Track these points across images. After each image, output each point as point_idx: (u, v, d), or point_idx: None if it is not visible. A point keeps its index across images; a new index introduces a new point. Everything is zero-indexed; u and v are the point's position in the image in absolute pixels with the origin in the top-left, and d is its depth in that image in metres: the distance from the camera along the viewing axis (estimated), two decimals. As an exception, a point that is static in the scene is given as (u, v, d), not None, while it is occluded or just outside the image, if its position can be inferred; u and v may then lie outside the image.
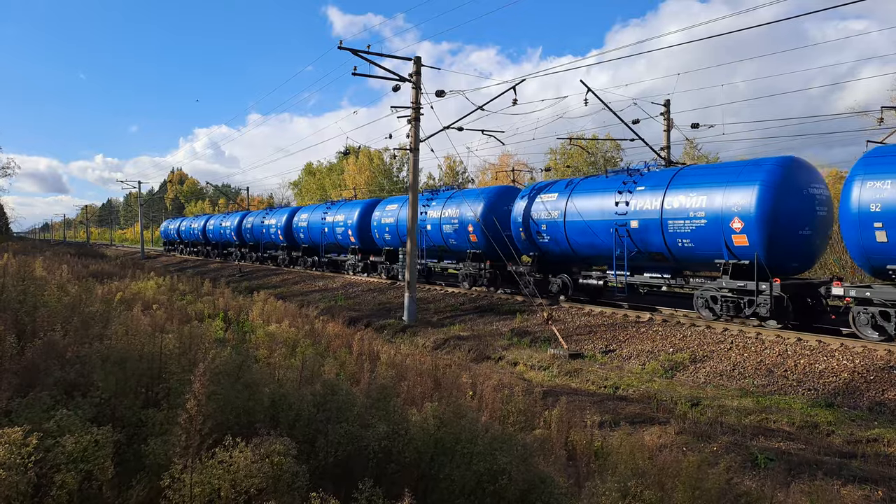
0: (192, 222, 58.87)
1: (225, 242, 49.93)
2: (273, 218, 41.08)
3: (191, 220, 60.30)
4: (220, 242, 50.82)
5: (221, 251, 50.92)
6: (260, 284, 30.76)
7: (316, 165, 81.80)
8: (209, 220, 53.50)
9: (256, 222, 43.58)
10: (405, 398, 6.99)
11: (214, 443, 3.79)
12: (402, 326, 18.82)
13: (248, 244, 45.69)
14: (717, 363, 12.67)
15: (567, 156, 50.94)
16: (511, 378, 12.67)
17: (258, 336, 10.25)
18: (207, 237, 53.29)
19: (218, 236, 50.65)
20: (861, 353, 11.75)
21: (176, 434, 3.89)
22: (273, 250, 41.90)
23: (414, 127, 19.49)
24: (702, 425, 9.13)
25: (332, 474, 4.23)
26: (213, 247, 52.69)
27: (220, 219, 51.71)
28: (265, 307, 14.88)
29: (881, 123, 27.30)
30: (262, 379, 5.61)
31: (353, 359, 9.79)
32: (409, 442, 4.22)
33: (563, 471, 5.38)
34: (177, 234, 62.52)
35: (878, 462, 7.74)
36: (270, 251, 42.40)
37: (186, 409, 3.91)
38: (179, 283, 20.41)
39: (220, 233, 50.10)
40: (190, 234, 57.94)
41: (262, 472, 3.45)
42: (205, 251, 54.56)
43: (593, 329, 16.21)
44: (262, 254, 43.25)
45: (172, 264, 48.21)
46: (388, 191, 61.13)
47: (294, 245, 38.49)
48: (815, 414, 9.69)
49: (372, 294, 25.24)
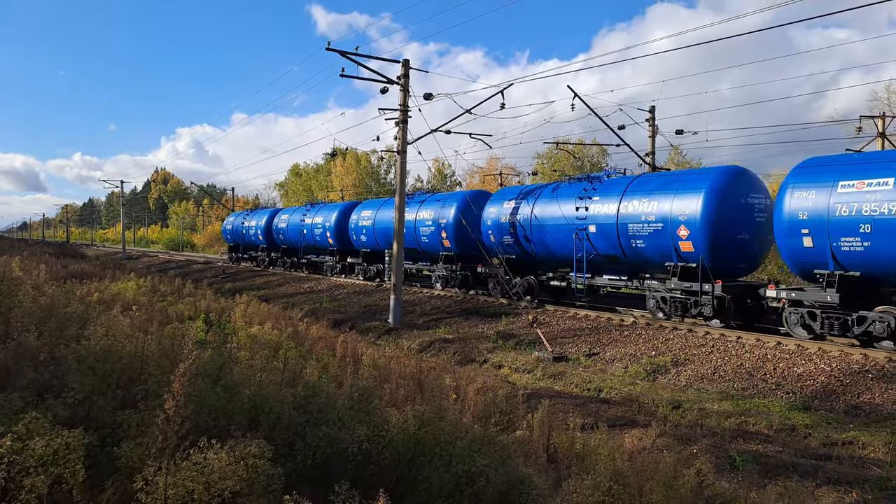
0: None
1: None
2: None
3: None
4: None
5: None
6: (244, 286, 30.55)
7: (302, 167, 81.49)
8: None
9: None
10: (388, 400, 6.97)
11: (191, 444, 3.75)
12: (388, 329, 18.78)
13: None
14: (699, 366, 12.78)
15: (554, 160, 51.21)
16: (495, 381, 12.67)
17: (240, 338, 10.16)
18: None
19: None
20: (838, 357, 11.91)
21: (152, 436, 3.85)
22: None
23: (402, 129, 19.48)
24: (682, 428, 9.20)
25: (310, 477, 4.20)
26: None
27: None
28: (248, 309, 14.77)
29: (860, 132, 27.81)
30: (242, 381, 5.56)
31: (337, 361, 9.75)
32: (389, 444, 4.21)
33: (543, 472, 5.39)
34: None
35: (852, 464, 7.84)
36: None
37: (164, 410, 3.87)
38: (161, 285, 20.21)
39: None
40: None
41: (236, 474, 3.43)
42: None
43: (577, 332, 16.28)
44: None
45: (154, 265, 47.73)
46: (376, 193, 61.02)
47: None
48: (793, 417, 9.80)
49: (358, 296, 25.16)
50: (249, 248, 42.79)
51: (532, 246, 20.26)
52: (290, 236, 36.01)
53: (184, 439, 3.59)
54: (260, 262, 40.26)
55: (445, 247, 24.11)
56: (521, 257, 21.08)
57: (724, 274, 15.10)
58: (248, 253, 43.08)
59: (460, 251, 23.52)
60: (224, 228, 46.53)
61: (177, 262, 50.97)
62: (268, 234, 38.88)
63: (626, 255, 17.02)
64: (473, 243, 22.49)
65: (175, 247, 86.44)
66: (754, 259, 16.10)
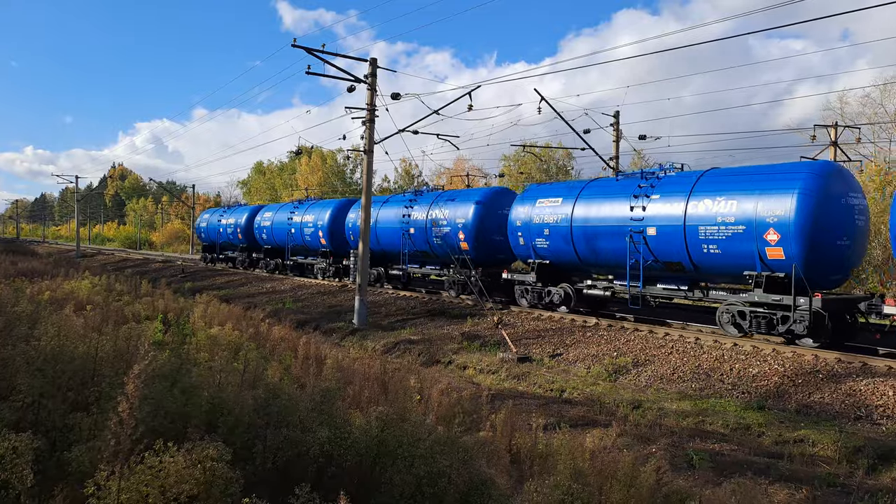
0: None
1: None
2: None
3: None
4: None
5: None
6: (204, 286, 29.93)
7: (266, 164, 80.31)
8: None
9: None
10: (351, 402, 6.92)
11: (146, 448, 3.66)
12: (352, 330, 18.65)
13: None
14: (659, 367, 13.03)
15: (521, 162, 51.61)
16: (460, 381, 12.70)
17: (199, 339, 9.94)
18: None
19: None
20: (791, 357, 12.30)
21: (105, 439, 3.74)
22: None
23: (368, 129, 19.37)
24: (642, 427, 9.37)
25: (270, 480, 4.14)
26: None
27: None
28: (208, 309, 14.47)
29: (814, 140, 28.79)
30: (201, 382, 5.45)
31: (300, 363, 9.63)
32: (351, 446, 4.18)
33: (506, 473, 5.42)
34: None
35: (803, 462, 8.11)
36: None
37: (118, 413, 3.76)
38: (117, 283, 19.65)
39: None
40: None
41: (193, 477, 3.35)
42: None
43: (542, 333, 16.43)
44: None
45: (110, 263, 46.40)
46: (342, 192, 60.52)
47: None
48: (748, 416, 10.08)
49: (322, 297, 24.91)
50: (227, 247, 39.98)
51: (571, 250, 17.83)
52: (276, 236, 33.38)
53: (138, 442, 3.50)
54: (239, 264, 37.64)
55: (463, 249, 21.58)
56: (557, 263, 18.65)
57: (818, 285, 13.14)
58: (224, 253, 40.29)
59: (478, 255, 21.22)
60: (198, 227, 43.68)
61: (134, 260, 49.63)
62: (248, 232, 36.36)
63: (693, 263, 14.84)
64: (493, 246, 20.84)
65: (132, 245, 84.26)
66: (849, 269, 14.11)
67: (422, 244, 23.56)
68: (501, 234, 20.78)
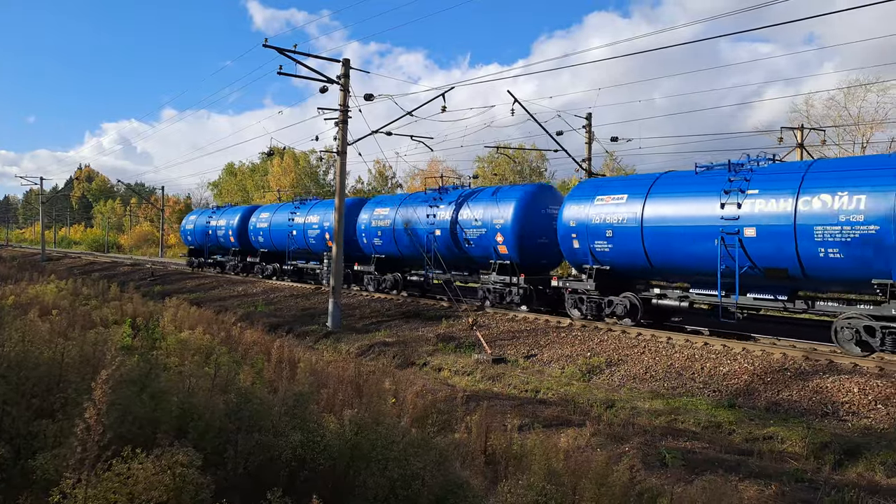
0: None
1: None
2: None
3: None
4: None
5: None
6: (174, 289, 29.44)
7: (238, 166, 79.28)
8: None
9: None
10: (325, 405, 6.86)
11: (114, 455, 3.57)
12: (326, 332, 18.51)
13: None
14: (631, 367, 13.19)
15: (494, 164, 51.85)
16: (435, 383, 12.69)
17: (169, 343, 9.78)
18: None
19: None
20: (760, 356, 12.56)
21: (70, 446, 3.65)
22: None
23: (341, 130, 19.27)
24: (615, 427, 9.47)
25: (241, 485, 4.08)
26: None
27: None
28: (178, 313, 14.24)
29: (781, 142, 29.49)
30: (171, 387, 5.35)
31: (272, 366, 9.51)
32: (325, 450, 4.14)
33: (481, 474, 5.43)
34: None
35: (772, 458, 8.28)
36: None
37: (84, 420, 3.67)
38: (84, 287, 19.22)
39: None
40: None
41: (163, 484, 3.28)
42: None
43: (516, 334, 16.51)
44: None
45: (77, 267, 45.35)
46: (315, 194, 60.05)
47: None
48: (719, 414, 10.26)
49: (295, 299, 24.68)
50: (217, 251, 37.50)
51: (641, 255, 15.50)
52: (274, 238, 30.90)
53: (105, 449, 3.41)
54: (231, 269, 35.32)
55: (501, 253, 19.43)
56: (620, 269, 16.26)
57: None
58: (213, 257, 37.71)
59: (521, 259, 19.05)
60: (184, 229, 40.81)
61: (101, 263, 48.57)
62: (242, 235, 34.00)
63: (802, 269, 12.77)
64: (536, 249, 19.00)
65: (100, 248, 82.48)
66: None
67: (449, 248, 21.25)
68: (546, 235, 18.83)
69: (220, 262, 37.06)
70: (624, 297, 16.23)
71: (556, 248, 18.40)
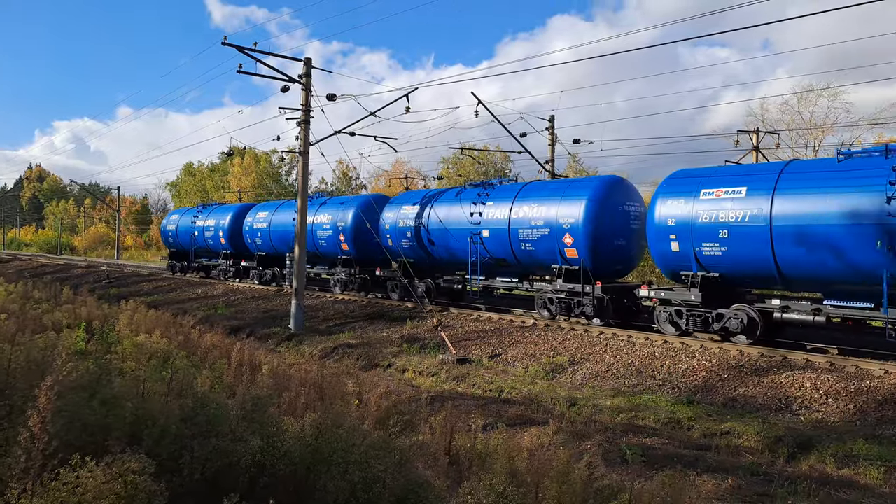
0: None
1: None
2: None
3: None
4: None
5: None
6: (131, 292, 28.65)
7: (197, 165, 77.69)
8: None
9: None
10: (287, 409, 6.74)
11: (60, 463, 3.44)
12: (289, 335, 18.25)
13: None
14: (593, 365, 13.36)
15: (459, 165, 52.01)
16: (400, 385, 12.63)
17: (125, 347, 9.48)
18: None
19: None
20: (717, 353, 12.86)
21: (15, 455, 3.49)
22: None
23: (304, 130, 19.04)
24: (578, 424, 9.57)
25: (198, 492, 3.97)
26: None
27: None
28: (135, 316, 13.83)
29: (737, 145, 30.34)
30: (124, 393, 5.19)
31: (233, 370, 9.32)
32: (284, 454, 4.06)
33: (444, 474, 5.41)
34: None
35: (729, 453, 8.48)
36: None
37: (28, 428, 3.52)
38: (35, 290, 18.54)
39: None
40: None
41: (113, 492, 3.17)
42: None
43: (481, 334, 16.55)
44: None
45: (27, 269, 43.74)
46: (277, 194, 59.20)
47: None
48: (678, 410, 10.46)
49: (256, 302, 24.28)
50: (203, 254, 34.38)
51: (768, 258, 12.84)
52: (275, 240, 28.02)
53: (51, 458, 3.28)
54: (221, 274, 32.25)
55: (569, 257, 16.67)
56: (734, 276, 13.81)
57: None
58: (199, 260, 34.64)
59: (595, 264, 16.28)
60: (164, 229, 37.60)
61: (54, 266, 46.96)
62: (235, 236, 31.00)
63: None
64: (613, 252, 16.53)
65: (52, 250, 79.76)
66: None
67: (500, 251, 18.35)
68: (623, 236, 16.53)
69: (207, 265, 34.10)
70: (738, 309, 13.70)
71: (632, 251, 16.89)
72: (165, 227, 37.72)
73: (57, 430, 3.53)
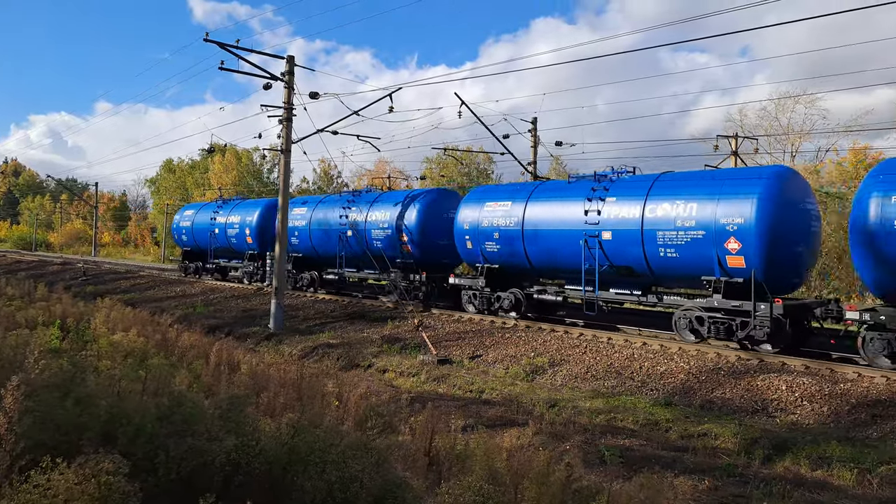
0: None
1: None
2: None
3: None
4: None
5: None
6: (108, 289, 28.22)
7: (177, 162, 76.70)
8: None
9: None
10: (265, 409, 6.68)
11: (30, 464, 3.36)
12: (268, 334, 18.10)
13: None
14: (573, 366, 13.42)
15: (442, 165, 51.96)
16: (380, 385, 12.58)
17: (101, 346, 9.33)
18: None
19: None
20: (695, 356, 13.00)
21: (-19, 457, 3.41)
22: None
23: (286, 128, 18.90)
24: (557, 426, 9.60)
25: (173, 491, 3.91)
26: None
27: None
28: (111, 314, 13.62)
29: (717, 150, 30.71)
30: (99, 392, 5.10)
31: (211, 370, 9.21)
32: (260, 454, 4.01)
33: (422, 475, 5.39)
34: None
35: (706, 454, 8.57)
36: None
37: (-4, 428, 3.44)
38: (8, 287, 18.18)
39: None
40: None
41: (86, 493, 3.11)
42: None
43: (462, 335, 16.56)
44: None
45: (1, 265, 42.88)
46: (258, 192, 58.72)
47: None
48: (656, 412, 10.55)
49: (235, 301, 24.04)
50: (223, 254, 30.45)
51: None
52: (316, 240, 24.41)
53: (19, 459, 3.20)
54: (245, 276, 28.29)
55: (731, 267, 13.68)
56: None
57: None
58: (217, 261, 30.63)
59: (767, 275, 13.21)
60: (177, 226, 33.61)
61: (28, 262, 46.09)
62: (263, 234, 27.21)
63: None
64: (792, 259, 13.45)
65: (27, 246, 78.28)
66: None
67: (626, 258, 15.13)
68: (803, 241, 13.62)
69: (224, 266, 30.40)
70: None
71: (808, 260, 14.24)
72: (178, 223, 33.63)
73: (25, 430, 3.46)
